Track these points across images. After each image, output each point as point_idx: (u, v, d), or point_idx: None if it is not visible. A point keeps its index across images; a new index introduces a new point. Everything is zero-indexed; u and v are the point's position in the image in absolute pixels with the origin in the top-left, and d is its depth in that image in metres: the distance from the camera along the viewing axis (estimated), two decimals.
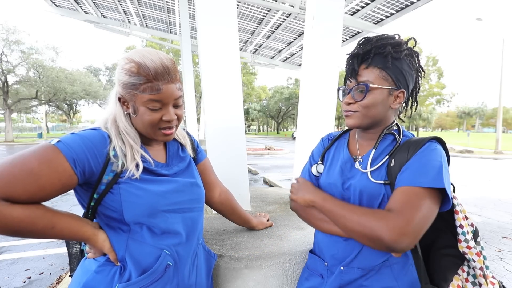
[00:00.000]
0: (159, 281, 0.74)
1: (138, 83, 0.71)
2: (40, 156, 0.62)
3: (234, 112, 1.78)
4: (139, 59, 0.72)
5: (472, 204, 5.39)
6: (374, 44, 0.76)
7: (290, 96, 50.15)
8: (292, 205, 0.91)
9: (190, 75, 9.06)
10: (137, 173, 0.73)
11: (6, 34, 21.04)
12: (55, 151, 0.63)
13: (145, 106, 0.73)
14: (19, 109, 26.75)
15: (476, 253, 0.70)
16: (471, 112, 68.30)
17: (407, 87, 0.78)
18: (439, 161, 0.69)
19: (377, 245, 0.65)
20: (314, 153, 0.98)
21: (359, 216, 0.69)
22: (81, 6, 9.15)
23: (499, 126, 17.03)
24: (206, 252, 0.94)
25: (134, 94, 0.73)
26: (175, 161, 0.87)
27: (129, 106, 0.75)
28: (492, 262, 3.00)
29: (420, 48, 32.59)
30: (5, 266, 2.77)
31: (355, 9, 5.94)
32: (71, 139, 0.67)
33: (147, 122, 0.75)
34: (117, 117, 0.76)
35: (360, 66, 0.77)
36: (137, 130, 0.79)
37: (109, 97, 0.81)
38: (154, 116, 0.74)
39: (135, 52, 0.75)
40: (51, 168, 0.62)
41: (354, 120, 0.79)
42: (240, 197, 1.82)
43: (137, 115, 0.75)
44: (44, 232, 0.65)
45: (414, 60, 0.78)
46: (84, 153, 0.67)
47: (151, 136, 0.79)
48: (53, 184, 0.63)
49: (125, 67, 0.73)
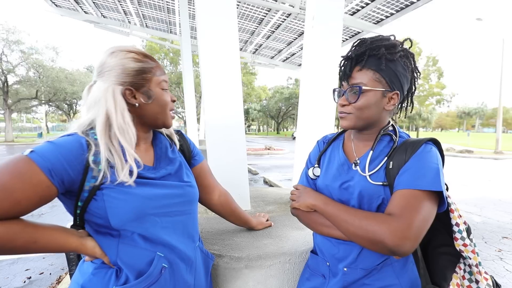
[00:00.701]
0: (156, 284, 0.73)
1: (151, 66, 0.77)
2: (12, 169, 0.59)
3: (234, 112, 1.78)
4: (135, 49, 0.77)
5: (472, 204, 5.39)
6: (368, 46, 0.76)
7: (290, 96, 50.17)
8: (294, 211, 0.91)
9: (190, 75, 9.05)
10: (130, 180, 0.69)
11: (6, 34, 21.06)
12: (28, 162, 0.60)
13: (160, 87, 0.78)
14: (19, 109, 26.76)
15: (471, 250, 0.71)
16: (471, 112, 68.32)
17: (401, 88, 0.78)
18: (435, 164, 0.70)
19: (380, 249, 0.66)
20: (310, 157, 0.99)
21: (361, 220, 0.69)
22: (81, 6, 9.15)
23: (499, 126, 17.03)
24: (203, 254, 0.94)
25: (148, 78, 0.76)
26: (163, 163, 0.84)
27: (139, 95, 0.75)
28: (492, 262, 3.00)
29: (420, 48, 32.59)
30: (5, 266, 2.77)
31: (355, 9, 5.94)
32: (45, 149, 0.63)
33: (165, 103, 0.80)
34: (112, 116, 0.70)
35: (354, 68, 0.78)
36: (140, 124, 0.78)
37: (90, 101, 0.73)
38: (168, 97, 0.81)
39: (119, 47, 0.77)
40: (24, 181, 0.59)
41: (348, 122, 0.80)
42: (240, 197, 1.82)
43: (154, 99, 0.77)
44: (26, 248, 0.62)
45: (409, 62, 0.78)
46: (61, 161, 0.63)
47: (163, 120, 0.81)
48: (29, 197, 0.60)
49: (129, 56, 0.74)
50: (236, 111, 1.78)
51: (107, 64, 0.73)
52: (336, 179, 0.84)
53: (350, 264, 0.79)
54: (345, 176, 0.82)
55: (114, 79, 0.72)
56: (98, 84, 0.73)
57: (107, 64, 0.73)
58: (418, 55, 32.79)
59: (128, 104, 0.74)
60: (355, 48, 0.79)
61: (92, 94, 0.73)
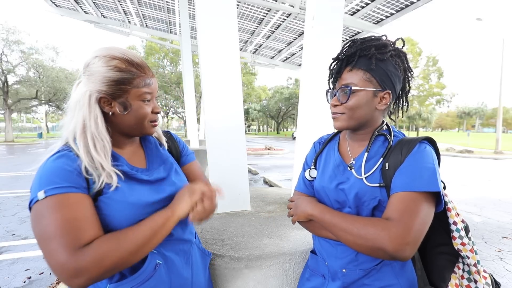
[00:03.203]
0: (151, 280, 0.73)
1: (131, 77, 0.73)
2: (52, 213, 0.60)
3: (234, 112, 1.78)
4: (122, 55, 0.72)
5: (472, 204, 5.39)
6: (359, 46, 0.77)
7: (290, 96, 50.19)
8: (293, 220, 0.91)
9: (190, 75, 9.05)
10: (113, 182, 0.69)
11: (6, 34, 21.06)
12: (52, 200, 0.61)
13: (140, 99, 0.75)
14: (19, 109, 26.76)
15: (470, 249, 0.71)
16: (471, 112, 68.34)
17: (393, 88, 0.78)
18: (431, 163, 0.69)
19: (380, 255, 0.66)
20: (307, 158, 0.99)
21: (360, 229, 0.68)
22: (81, 6, 9.15)
23: (499, 126, 17.02)
24: (200, 250, 0.94)
25: (126, 90, 0.72)
26: (156, 163, 0.84)
27: (115, 104, 0.73)
28: (492, 262, 3.00)
29: (420, 48, 32.61)
30: (5, 266, 2.76)
31: (355, 9, 5.94)
32: (48, 180, 0.63)
33: (142, 116, 0.76)
34: (87, 122, 0.70)
35: (345, 69, 0.79)
36: (118, 131, 0.77)
37: (72, 101, 0.72)
38: (148, 109, 0.77)
39: (106, 49, 0.73)
40: (70, 208, 0.61)
41: (340, 122, 0.81)
42: (240, 197, 1.82)
43: (130, 110, 0.74)
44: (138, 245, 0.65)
45: (400, 61, 0.78)
46: (68, 175, 0.64)
47: (140, 131, 0.79)
48: (87, 211, 0.63)
49: (110, 64, 0.71)
50: (236, 111, 1.79)
51: (90, 67, 0.72)
52: (332, 180, 0.83)
53: (349, 264, 0.79)
54: (341, 177, 0.82)
55: (92, 85, 0.71)
56: (80, 85, 0.73)
57: (89, 67, 0.72)
58: (418, 55, 32.79)
59: (103, 112, 0.73)
60: (346, 49, 0.80)
61: (74, 94, 0.73)
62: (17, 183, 6.94)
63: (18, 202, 5.16)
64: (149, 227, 0.68)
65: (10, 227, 3.85)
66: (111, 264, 0.60)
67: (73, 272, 0.56)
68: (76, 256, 0.57)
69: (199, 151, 6.71)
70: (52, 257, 0.57)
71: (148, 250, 0.69)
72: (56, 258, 0.57)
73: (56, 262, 0.57)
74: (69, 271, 0.56)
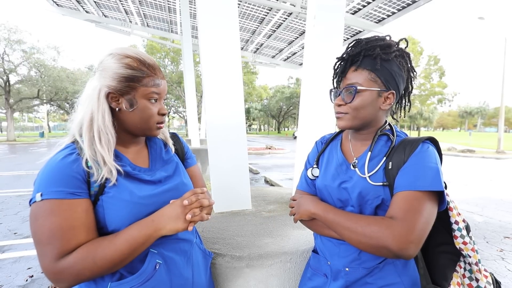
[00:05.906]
0: (151, 280, 0.73)
1: (141, 76, 0.74)
2: (44, 218, 0.63)
3: (235, 112, 1.78)
4: (135, 55, 0.75)
5: (474, 203, 5.38)
6: (364, 46, 0.77)
7: (291, 96, 50.13)
8: (295, 218, 0.91)
9: (191, 74, 9.05)
10: (112, 177, 0.70)
11: (7, 33, 21.14)
12: (46, 205, 0.63)
13: (147, 98, 0.76)
14: (21, 108, 26.88)
15: (471, 248, 0.71)
16: (472, 112, 68.02)
17: (397, 88, 0.78)
18: (434, 163, 0.70)
19: (384, 254, 0.66)
20: (309, 157, 0.99)
21: (363, 227, 0.69)
22: (83, 6, 9.16)
23: (501, 126, 16.95)
24: (201, 250, 0.94)
25: (134, 87, 0.74)
26: (159, 164, 0.85)
27: (122, 100, 0.75)
28: (493, 262, 2.99)
29: (422, 47, 32.48)
30: (7, 265, 2.78)
31: (357, 8, 5.92)
32: (47, 182, 0.65)
33: (148, 115, 0.77)
34: (94, 116, 0.72)
35: (350, 69, 0.78)
36: (123, 129, 0.78)
37: (82, 97, 0.76)
38: (154, 109, 0.78)
39: (120, 48, 0.77)
40: (59, 216, 0.63)
41: (344, 122, 0.81)
42: (241, 196, 1.82)
43: (136, 108, 0.76)
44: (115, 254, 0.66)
45: (404, 61, 0.79)
46: (66, 179, 0.65)
47: (145, 131, 0.79)
48: (75, 220, 0.64)
49: (123, 61, 0.73)
50: (237, 110, 1.79)
51: (103, 63, 0.75)
52: (335, 178, 0.84)
53: (352, 263, 0.79)
54: (344, 176, 0.82)
55: (103, 80, 0.74)
56: (93, 80, 0.76)
57: (103, 64, 0.75)
58: (419, 54, 32.66)
59: (110, 107, 0.75)
60: (351, 49, 0.80)
61: (86, 88, 0.76)
62: (19, 182, 6.97)
63: (20, 201, 5.18)
64: (128, 245, 0.67)
65: (12, 226, 3.87)
66: (87, 278, 0.65)
67: (53, 278, 0.62)
68: (56, 264, 0.62)
69: (200, 151, 6.71)
70: (40, 258, 0.63)
71: (125, 265, 0.69)
72: (42, 260, 0.63)
73: (42, 264, 0.63)
74: (50, 276, 0.62)
